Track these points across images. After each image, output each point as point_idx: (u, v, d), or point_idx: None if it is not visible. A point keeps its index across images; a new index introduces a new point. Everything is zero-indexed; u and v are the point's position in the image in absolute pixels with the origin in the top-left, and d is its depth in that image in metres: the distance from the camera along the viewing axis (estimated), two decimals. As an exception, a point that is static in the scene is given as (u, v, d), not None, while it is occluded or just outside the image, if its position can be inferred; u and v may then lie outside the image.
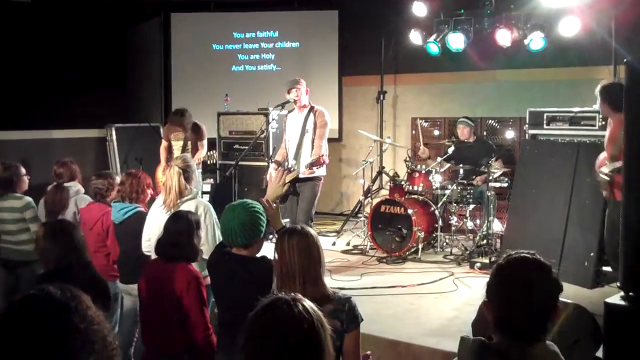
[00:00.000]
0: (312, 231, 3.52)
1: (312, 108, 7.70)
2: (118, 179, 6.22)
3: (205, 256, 5.01)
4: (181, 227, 4.49)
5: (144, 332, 4.61)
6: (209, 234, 5.09)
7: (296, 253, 3.35)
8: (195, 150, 8.85)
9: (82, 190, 6.71)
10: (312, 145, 7.54)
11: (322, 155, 7.18)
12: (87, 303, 1.63)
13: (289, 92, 7.71)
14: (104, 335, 1.59)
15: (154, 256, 4.66)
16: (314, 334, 2.01)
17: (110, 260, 5.99)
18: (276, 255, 3.48)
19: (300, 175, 7.27)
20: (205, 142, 8.99)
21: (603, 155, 6.49)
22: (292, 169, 7.40)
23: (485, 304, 2.42)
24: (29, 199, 6.60)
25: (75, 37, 11.27)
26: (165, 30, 12.53)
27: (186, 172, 5.33)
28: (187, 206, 5.09)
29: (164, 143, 9.15)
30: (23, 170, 6.72)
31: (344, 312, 3.32)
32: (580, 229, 7.11)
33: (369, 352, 3.47)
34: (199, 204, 5.20)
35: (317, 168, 7.18)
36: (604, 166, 6.34)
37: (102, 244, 5.99)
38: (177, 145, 8.91)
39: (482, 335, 2.43)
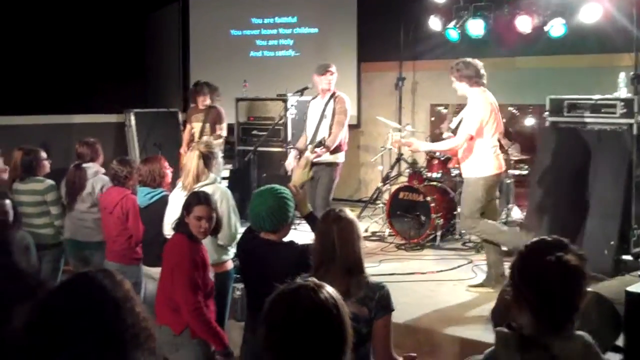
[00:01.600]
0: (352, 215, 3.53)
1: (333, 94, 7.65)
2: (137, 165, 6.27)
3: (221, 242, 5.04)
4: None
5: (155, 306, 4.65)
6: (224, 221, 5.09)
7: (336, 236, 3.36)
8: (213, 132, 8.87)
9: (102, 171, 6.71)
10: (330, 132, 7.50)
11: (324, 138, 7.20)
12: (134, 294, 1.65)
13: (323, 74, 7.58)
14: (148, 327, 1.60)
15: None
16: (339, 321, 2.02)
17: (132, 243, 6.03)
18: (315, 240, 3.50)
19: (311, 159, 7.22)
20: (224, 125, 8.98)
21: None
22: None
23: (511, 293, 2.34)
24: (50, 181, 6.65)
25: (95, 22, 11.29)
26: (184, 15, 12.53)
27: (207, 157, 5.33)
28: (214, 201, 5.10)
29: (187, 126, 9.19)
30: (44, 155, 6.76)
31: (374, 300, 3.33)
32: (600, 217, 7.08)
33: (414, 355, 3.42)
34: (215, 190, 5.18)
35: (322, 151, 7.17)
36: None
37: (123, 227, 6.05)
38: (196, 127, 8.93)
39: (501, 324, 2.41)
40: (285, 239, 4.07)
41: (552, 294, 2.15)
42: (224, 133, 9.04)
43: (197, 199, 4.51)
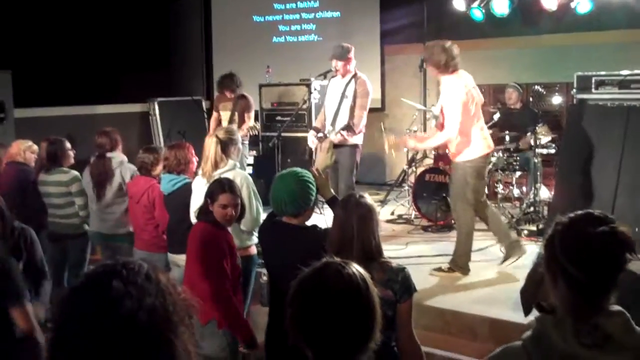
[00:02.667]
0: (371, 200, 3.51)
1: (355, 74, 7.54)
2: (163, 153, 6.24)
3: (243, 227, 5.01)
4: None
5: None
6: (246, 206, 5.06)
7: (355, 221, 3.35)
8: (242, 122, 8.84)
9: (126, 159, 6.71)
10: (352, 114, 7.38)
11: (351, 121, 7.18)
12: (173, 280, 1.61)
13: (331, 60, 7.56)
14: (190, 315, 1.57)
15: None
16: (365, 298, 1.99)
17: (159, 231, 6.03)
18: (334, 225, 3.48)
19: (335, 141, 7.18)
20: (252, 114, 8.95)
21: None
22: (327, 136, 7.32)
23: (545, 270, 2.22)
24: (75, 172, 6.67)
25: (118, 12, 11.32)
26: (206, 3, 12.53)
27: (225, 144, 5.29)
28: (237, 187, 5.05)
29: (214, 114, 9.17)
30: (68, 145, 6.79)
31: (397, 283, 3.32)
32: (630, 194, 6.95)
33: None
34: (236, 175, 5.14)
35: (349, 135, 7.14)
36: None
37: (150, 215, 6.04)
38: (225, 116, 8.93)
39: (531, 304, 2.32)
40: (308, 223, 4.03)
41: (600, 268, 2.02)
42: (251, 122, 8.99)
43: (221, 187, 4.47)
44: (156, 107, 11.27)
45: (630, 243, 2.03)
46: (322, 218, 6.02)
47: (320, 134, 7.38)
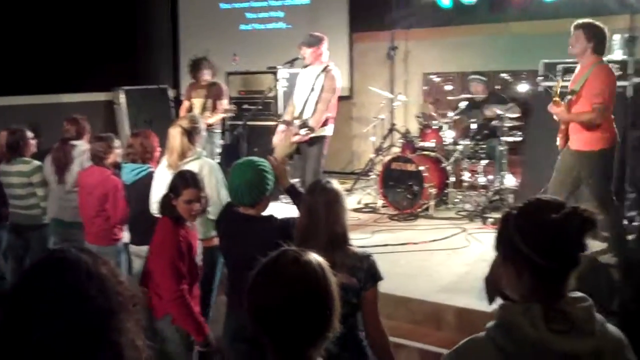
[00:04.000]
0: (338, 186, 3.49)
1: (326, 67, 7.47)
2: (117, 142, 6.12)
3: (212, 216, 4.95)
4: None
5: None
6: (214, 194, 5.01)
7: (322, 206, 3.34)
8: (214, 109, 8.76)
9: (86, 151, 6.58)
10: (315, 109, 7.35)
11: (308, 119, 7.18)
12: (117, 268, 1.59)
13: (300, 47, 7.50)
14: (135, 303, 1.55)
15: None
16: (322, 287, 1.97)
17: (110, 224, 5.92)
18: (301, 211, 3.48)
19: (296, 140, 7.18)
20: (225, 101, 8.85)
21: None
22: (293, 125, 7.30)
23: (501, 259, 2.20)
24: (37, 163, 6.56)
25: (83, 0, 11.14)
26: (172, -10, 12.41)
27: (190, 133, 5.23)
28: (191, 167, 4.96)
29: (185, 103, 9.07)
30: (30, 134, 6.67)
31: (362, 270, 3.32)
32: (594, 181, 7.00)
33: None
34: (203, 164, 5.10)
35: (306, 134, 7.14)
36: None
37: (101, 208, 5.89)
38: (197, 103, 8.82)
39: (495, 292, 2.30)
40: (265, 213, 3.99)
41: (565, 250, 2.01)
42: (232, 107, 8.86)
43: (185, 182, 4.39)
44: (122, 95, 11.14)
45: (594, 220, 2.01)
46: (286, 207, 5.98)
47: (291, 126, 7.33)
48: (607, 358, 2.00)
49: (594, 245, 6.44)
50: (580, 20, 6.18)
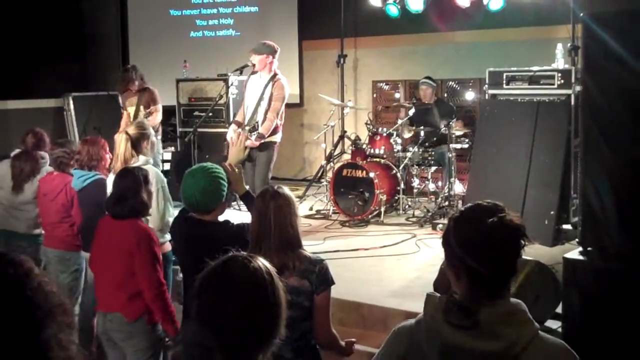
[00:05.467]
0: (289, 192, 3.52)
1: (274, 76, 7.53)
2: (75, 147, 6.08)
3: (151, 225, 4.88)
4: (127, 182, 4.38)
5: (97, 292, 4.51)
6: (153, 204, 4.99)
7: (273, 211, 3.35)
8: (148, 115, 8.70)
9: (48, 161, 6.40)
10: (264, 117, 7.41)
11: (257, 124, 7.28)
12: (39, 272, 1.59)
13: (251, 55, 7.55)
14: (62, 303, 1.56)
15: None
16: (269, 292, 1.99)
17: (74, 230, 5.89)
18: (253, 216, 3.49)
19: (248, 144, 7.23)
20: (159, 106, 8.78)
21: None
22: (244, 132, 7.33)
23: (445, 263, 2.28)
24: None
25: (29, 3, 10.99)
26: (121, -4, 12.32)
27: (137, 139, 5.22)
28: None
29: (124, 113, 9.00)
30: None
31: (314, 274, 3.35)
32: (540, 187, 7.16)
33: (354, 340, 3.64)
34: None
35: (257, 140, 7.20)
36: None
37: (66, 214, 5.86)
38: (131, 111, 8.75)
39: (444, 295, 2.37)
40: (220, 218, 4.01)
41: (493, 257, 2.09)
42: (159, 116, 8.77)
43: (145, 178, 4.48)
44: (71, 102, 11.02)
45: (520, 228, 2.11)
46: (241, 214, 6.00)
47: (242, 131, 7.36)
48: None
49: (541, 250, 6.61)
50: None
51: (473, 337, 2.03)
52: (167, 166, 9.55)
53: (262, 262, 2.05)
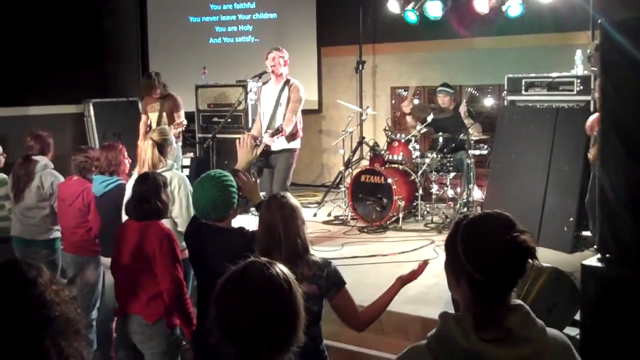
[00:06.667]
0: (294, 200, 3.53)
1: (288, 81, 7.61)
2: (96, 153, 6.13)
3: (180, 228, 4.99)
4: (148, 185, 4.44)
5: (117, 295, 4.56)
6: (183, 207, 5.08)
7: (280, 222, 3.37)
8: (171, 122, 8.74)
9: (51, 165, 6.47)
10: (284, 119, 7.46)
11: (281, 125, 7.21)
12: (51, 280, 1.61)
13: (267, 58, 7.61)
14: (65, 312, 1.57)
15: None
16: (287, 298, 2.00)
17: (91, 235, 5.94)
18: (259, 227, 3.49)
19: (273, 148, 7.26)
20: (182, 113, 8.84)
21: (595, 115, 6.40)
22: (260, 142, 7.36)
23: (447, 263, 2.22)
24: (3, 175, 6.54)
25: (51, 11, 11.09)
26: (141, 3, 12.40)
27: (161, 145, 5.28)
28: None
29: (143, 118, 9.06)
30: (0, 149, 6.65)
31: (322, 277, 3.38)
32: (559, 194, 7.14)
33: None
34: (173, 176, 5.14)
35: (278, 138, 7.16)
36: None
37: (83, 219, 5.93)
38: (153, 117, 8.80)
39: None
40: (235, 225, 4.03)
41: (500, 273, 2.07)
42: (184, 122, 8.86)
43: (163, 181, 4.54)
44: (91, 108, 11.11)
45: (532, 250, 2.08)
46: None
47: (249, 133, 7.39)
48: None
49: (560, 257, 6.58)
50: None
51: (506, 346, 2.01)
52: (186, 172, 9.60)
53: (281, 268, 2.06)
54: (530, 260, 2.08)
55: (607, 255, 3.99)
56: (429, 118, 8.85)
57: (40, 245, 6.30)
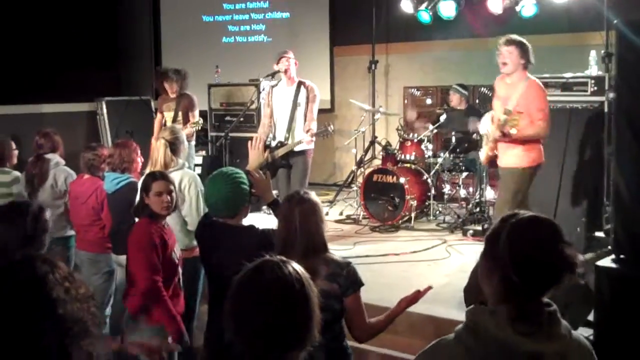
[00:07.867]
0: (315, 197, 3.53)
1: (301, 82, 7.63)
2: (107, 151, 6.16)
3: (190, 227, 5.01)
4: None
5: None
6: (193, 205, 5.09)
7: (298, 216, 3.36)
8: (186, 121, 8.76)
9: (62, 162, 6.54)
10: (305, 120, 7.49)
11: (311, 129, 7.30)
12: (66, 277, 1.62)
13: (278, 62, 7.62)
14: (71, 311, 1.57)
15: None
16: (301, 297, 2.00)
17: (105, 233, 5.97)
18: (279, 221, 3.50)
19: (296, 148, 7.31)
20: (196, 112, 8.86)
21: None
22: (284, 143, 7.39)
23: (485, 264, 2.21)
24: (17, 173, 6.55)
25: (65, 9, 11.13)
26: (155, 2, 12.43)
27: (173, 144, 5.29)
28: (172, 177, 5.03)
29: (158, 116, 9.09)
30: (13, 145, 6.68)
31: (342, 277, 3.36)
32: (572, 194, 7.11)
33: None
34: (184, 175, 5.18)
35: (311, 137, 7.26)
36: None
37: (96, 217, 5.96)
38: (168, 116, 8.83)
39: (474, 301, 2.36)
40: (246, 222, 4.04)
41: (539, 280, 2.08)
42: (200, 121, 8.87)
43: (153, 176, 4.52)
44: (104, 106, 11.14)
45: (575, 267, 2.08)
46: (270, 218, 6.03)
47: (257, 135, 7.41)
48: None
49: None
50: (512, 36, 6.36)
51: (539, 340, 2.03)
52: (198, 170, 9.62)
53: (295, 266, 2.06)
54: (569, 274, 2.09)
55: (622, 256, 3.97)
56: (442, 118, 8.85)
57: (54, 243, 6.32)
